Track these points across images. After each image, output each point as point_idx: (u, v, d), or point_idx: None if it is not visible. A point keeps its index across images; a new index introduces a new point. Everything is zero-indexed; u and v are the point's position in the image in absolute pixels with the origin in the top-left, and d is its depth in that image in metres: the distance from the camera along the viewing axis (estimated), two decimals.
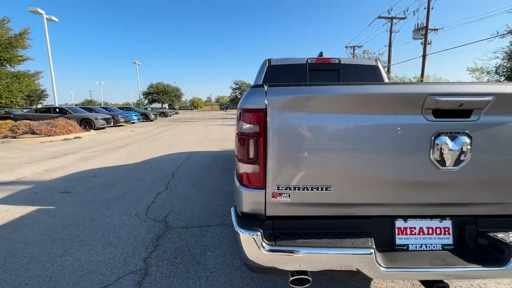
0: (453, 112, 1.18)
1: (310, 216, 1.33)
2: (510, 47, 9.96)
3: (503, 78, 10.75)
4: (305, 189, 1.24)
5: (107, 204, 3.57)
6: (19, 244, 2.56)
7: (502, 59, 10.60)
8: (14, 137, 10.75)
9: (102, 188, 4.28)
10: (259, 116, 1.21)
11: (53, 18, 17.87)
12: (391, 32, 27.43)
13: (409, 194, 1.27)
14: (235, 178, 1.44)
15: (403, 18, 27.01)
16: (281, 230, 1.33)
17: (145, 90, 52.90)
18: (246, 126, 1.25)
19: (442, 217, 1.35)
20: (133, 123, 22.40)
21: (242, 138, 1.28)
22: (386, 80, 3.28)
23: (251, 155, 1.26)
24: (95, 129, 15.49)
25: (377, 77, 3.23)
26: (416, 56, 27.99)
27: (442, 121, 1.18)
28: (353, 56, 29.58)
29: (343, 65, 3.25)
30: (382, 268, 1.17)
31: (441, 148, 1.17)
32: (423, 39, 24.05)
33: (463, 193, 1.27)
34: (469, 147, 1.18)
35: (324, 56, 3.45)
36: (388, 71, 26.79)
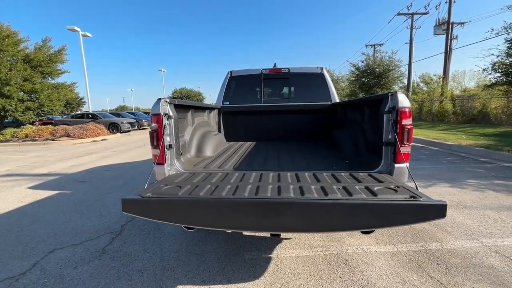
0: None
1: None
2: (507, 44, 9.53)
3: (498, 74, 10.22)
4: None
5: (109, 190, 4.48)
6: (41, 214, 3.51)
7: (497, 56, 10.09)
8: (53, 140, 12.56)
9: (110, 179, 5.25)
10: (158, 119, 1.91)
11: (88, 34, 20.20)
12: (411, 28, 26.40)
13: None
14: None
15: (425, 14, 25.85)
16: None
17: (170, 96, 56.45)
18: (153, 125, 1.96)
19: None
20: None
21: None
22: (331, 84, 3.75)
23: (155, 143, 1.96)
24: (121, 132, 17.25)
25: (322, 83, 3.73)
26: (438, 52, 26.50)
27: None
28: (374, 54, 28.98)
29: (292, 74, 3.81)
30: None
31: None
32: (445, 34, 22.98)
33: None
34: None
35: (278, 66, 4.03)
36: (410, 70, 25.84)
